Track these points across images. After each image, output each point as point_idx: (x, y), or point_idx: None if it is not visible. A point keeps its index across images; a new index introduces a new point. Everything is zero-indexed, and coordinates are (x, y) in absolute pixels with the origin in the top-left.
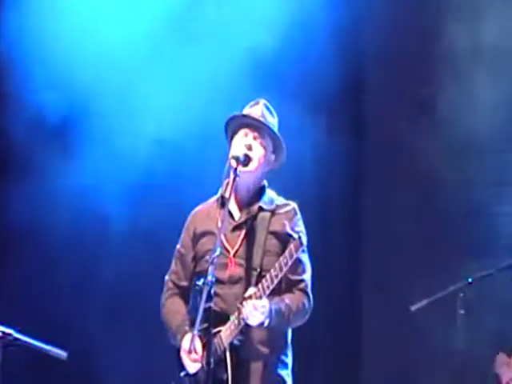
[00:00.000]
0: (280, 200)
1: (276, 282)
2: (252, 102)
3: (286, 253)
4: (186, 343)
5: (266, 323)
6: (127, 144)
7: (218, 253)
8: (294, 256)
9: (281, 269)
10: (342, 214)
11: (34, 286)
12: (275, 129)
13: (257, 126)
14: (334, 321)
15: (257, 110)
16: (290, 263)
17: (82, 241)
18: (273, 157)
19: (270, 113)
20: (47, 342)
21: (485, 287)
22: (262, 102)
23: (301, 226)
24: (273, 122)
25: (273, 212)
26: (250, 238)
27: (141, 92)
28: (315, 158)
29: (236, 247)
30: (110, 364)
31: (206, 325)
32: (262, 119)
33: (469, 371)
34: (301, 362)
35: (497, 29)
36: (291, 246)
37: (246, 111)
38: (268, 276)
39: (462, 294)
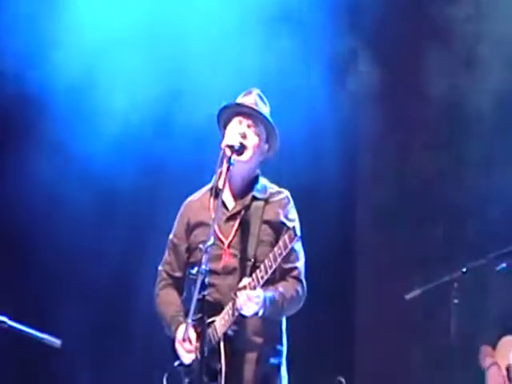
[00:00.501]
0: (273, 188)
1: (270, 272)
2: (244, 92)
3: (281, 243)
4: (180, 334)
5: (260, 313)
6: None
7: (211, 242)
8: (289, 247)
9: (275, 259)
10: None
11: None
12: (268, 117)
13: (251, 114)
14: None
15: (250, 98)
16: (284, 254)
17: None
18: (266, 146)
19: (263, 102)
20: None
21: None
22: (255, 91)
23: (294, 214)
24: (266, 110)
25: (266, 201)
26: (243, 229)
27: None
28: None
29: (230, 238)
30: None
31: (200, 315)
32: (255, 107)
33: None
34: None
35: None
36: (285, 236)
37: (239, 100)
38: (262, 266)
39: (456, 284)
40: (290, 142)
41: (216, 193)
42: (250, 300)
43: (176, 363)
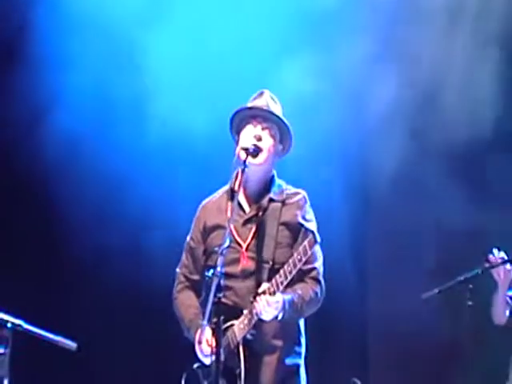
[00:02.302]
0: (289, 189)
1: (290, 277)
2: (255, 95)
3: (300, 249)
4: (198, 336)
5: (279, 317)
6: None
7: (227, 244)
8: (309, 253)
9: (295, 265)
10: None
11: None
12: (282, 117)
13: (264, 117)
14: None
15: (262, 100)
16: (304, 259)
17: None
18: (280, 147)
19: (275, 102)
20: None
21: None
22: (266, 92)
23: (311, 214)
24: (278, 110)
25: (283, 202)
26: (261, 231)
27: None
28: None
29: (248, 241)
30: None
31: (219, 318)
32: (268, 108)
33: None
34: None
35: None
36: (305, 242)
37: (250, 104)
38: (282, 272)
39: (470, 286)
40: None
41: (232, 195)
42: (270, 305)
43: (195, 365)
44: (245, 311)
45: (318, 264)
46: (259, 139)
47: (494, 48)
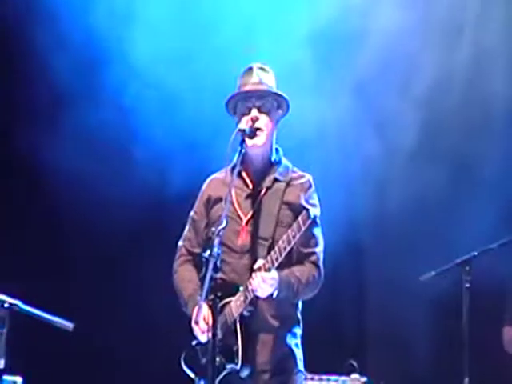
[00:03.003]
0: (296, 171)
1: (284, 253)
2: (244, 70)
3: (294, 225)
4: (195, 313)
5: (274, 295)
6: None
7: (223, 225)
8: (302, 229)
9: (289, 241)
10: None
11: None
12: (274, 87)
13: (257, 95)
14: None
15: (253, 77)
16: (297, 236)
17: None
18: (279, 111)
19: (266, 72)
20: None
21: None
22: (254, 66)
23: (315, 199)
24: (270, 80)
25: (288, 183)
26: (263, 208)
27: None
28: None
29: (248, 216)
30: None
31: (216, 297)
32: (260, 86)
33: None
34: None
35: None
36: (299, 218)
37: (241, 81)
38: (276, 248)
39: (467, 268)
40: None
41: (236, 172)
42: (265, 282)
43: (194, 342)
44: (241, 288)
45: (319, 249)
46: (256, 120)
47: None
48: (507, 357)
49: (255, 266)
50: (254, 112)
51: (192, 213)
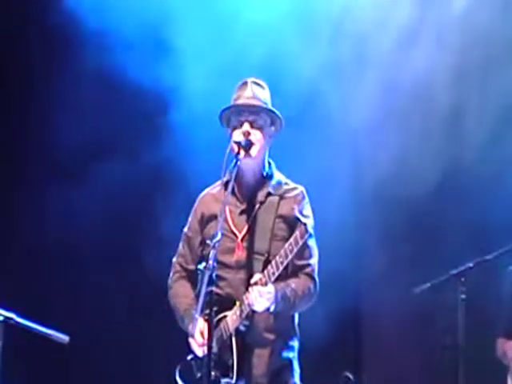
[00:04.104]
0: (288, 183)
1: (281, 268)
2: (239, 83)
3: (292, 240)
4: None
5: (271, 308)
6: None
7: (219, 237)
8: (300, 243)
9: (286, 256)
10: None
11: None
12: (269, 103)
13: (249, 110)
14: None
15: (247, 91)
16: (295, 250)
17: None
18: (272, 128)
19: (261, 87)
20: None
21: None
22: (249, 80)
23: (308, 210)
24: (265, 96)
25: (281, 196)
26: (257, 223)
27: None
28: None
29: (243, 232)
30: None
31: (208, 310)
32: (253, 101)
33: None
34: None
35: None
36: (297, 232)
37: (235, 94)
38: (273, 262)
39: (463, 279)
40: None
41: (226, 187)
42: (262, 296)
43: (189, 357)
44: (237, 302)
45: (313, 261)
46: (248, 135)
47: None
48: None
49: (252, 281)
50: (246, 126)
51: (186, 229)
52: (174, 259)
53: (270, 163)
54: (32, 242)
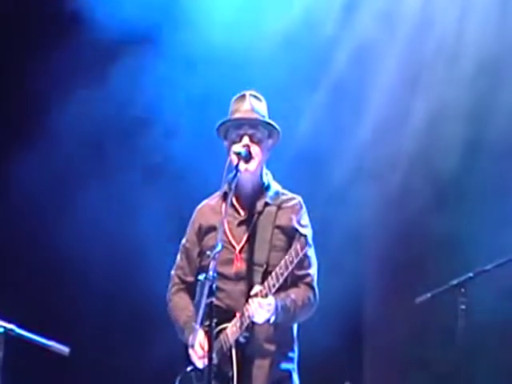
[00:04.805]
0: (286, 194)
1: (282, 280)
2: (237, 96)
3: (292, 251)
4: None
5: (271, 320)
6: None
7: (219, 248)
8: (300, 255)
9: (286, 267)
10: None
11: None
12: (266, 116)
13: (249, 124)
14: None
15: (245, 104)
16: (295, 262)
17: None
18: (270, 141)
19: (259, 100)
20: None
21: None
22: (247, 93)
23: (306, 220)
24: (262, 108)
25: (279, 206)
26: (256, 234)
27: None
28: None
29: (242, 243)
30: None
31: (209, 321)
32: (252, 114)
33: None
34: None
35: None
36: (297, 244)
37: (233, 107)
38: (274, 274)
39: (463, 289)
40: None
41: (225, 198)
42: (262, 307)
43: (189, 368)
44: (237, 314)
45: (313, 271)
46: (248, 148)
47: None
48: None
49: (252, 293)
50: (246, 140)
51: (184, 241)
52: (173, 272)
53: (266, 174)
54: (33, 253)
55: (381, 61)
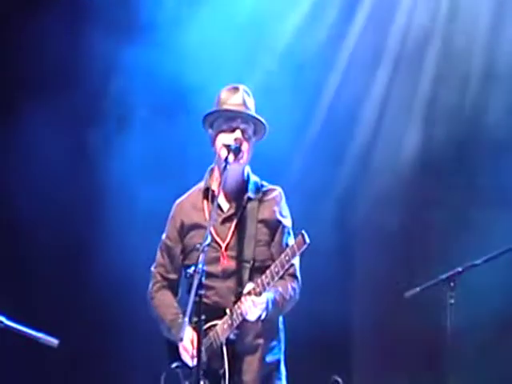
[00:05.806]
0: (265, 186)
1: (277, 278)
2: (229, 87)
3: (289, 250)
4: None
5: (263, 316)
6: None
7: (208, 241)
8: (297, 254)
9: (282, 266)
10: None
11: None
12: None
13: (242, 119)
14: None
15: (238, 97)
16: (291, 260)
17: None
18: (254, 139)
19: (249, 96)
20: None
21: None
22: (241, 87)
23: (286, 210)
24: (252, 106)
25: (260, 200)
26: (240, 230)
27: None
28: None
29: (227, 240)
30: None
31: (197, 318)
32: (244, 108)
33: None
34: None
35: None
36: (295, 244)
37: (223, 97)
38: (268, 272)
39: (452, 284)
40: None
41: (212, 196)
42: (256, 306)
43: (174, 365)
44: (228, 311)
45: (295, 260)
46: (240, 142)
47: None
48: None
49: (245, 291)
50: (238, 133)
51: (164, 237)
52: (153, 269)
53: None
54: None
55: None
